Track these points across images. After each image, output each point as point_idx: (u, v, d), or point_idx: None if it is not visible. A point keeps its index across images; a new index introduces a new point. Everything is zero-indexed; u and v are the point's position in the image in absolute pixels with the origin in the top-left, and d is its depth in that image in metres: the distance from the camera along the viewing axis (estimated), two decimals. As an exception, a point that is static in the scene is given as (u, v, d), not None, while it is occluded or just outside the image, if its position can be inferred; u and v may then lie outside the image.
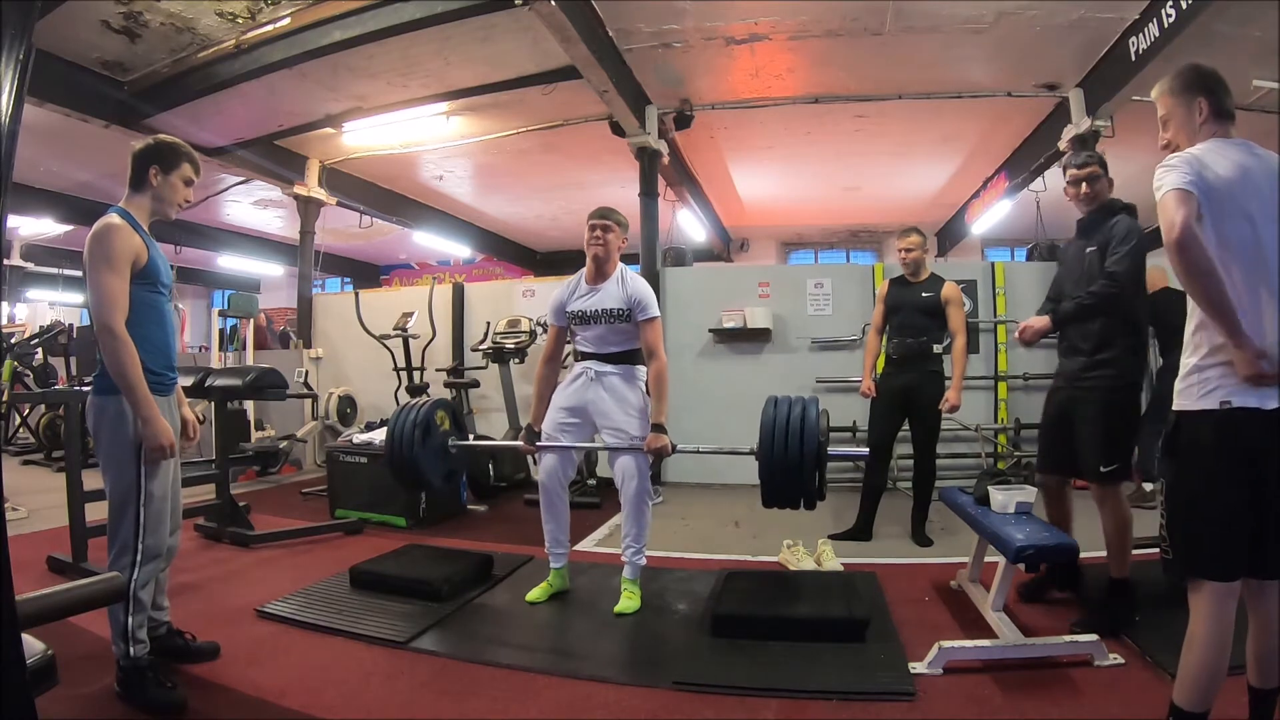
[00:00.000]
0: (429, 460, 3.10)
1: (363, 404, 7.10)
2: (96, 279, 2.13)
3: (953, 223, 10.62)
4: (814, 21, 5.10)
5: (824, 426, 2.63)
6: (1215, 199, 1.62)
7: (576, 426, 3.05)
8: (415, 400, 3.26)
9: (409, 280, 14.56)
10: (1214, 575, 1.64)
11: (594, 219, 3.08)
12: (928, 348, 3.93)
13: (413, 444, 3.02)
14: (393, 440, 3.07)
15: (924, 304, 3.94)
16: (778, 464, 2.57)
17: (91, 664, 2.34)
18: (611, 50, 5.28)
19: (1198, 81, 1.77)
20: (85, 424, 2.33)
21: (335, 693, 2.27)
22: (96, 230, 2.16)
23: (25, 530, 4.21)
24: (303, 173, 7.81)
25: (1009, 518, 2.68)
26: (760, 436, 2.63)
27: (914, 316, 3.95)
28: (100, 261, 2.13)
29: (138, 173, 2.29)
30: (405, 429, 3.05)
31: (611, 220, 3.08)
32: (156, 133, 2.60)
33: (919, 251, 4.01)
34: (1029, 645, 2.38)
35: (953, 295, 3.94)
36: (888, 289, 4.14)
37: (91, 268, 2.14)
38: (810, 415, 2.59)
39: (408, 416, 3.09)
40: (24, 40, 1.01)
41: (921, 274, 4.05)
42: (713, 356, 6.12)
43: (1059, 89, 6.00)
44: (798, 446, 2.53)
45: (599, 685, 2.32)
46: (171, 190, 2.33)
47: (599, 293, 3.03)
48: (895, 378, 3.98)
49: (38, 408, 7.77)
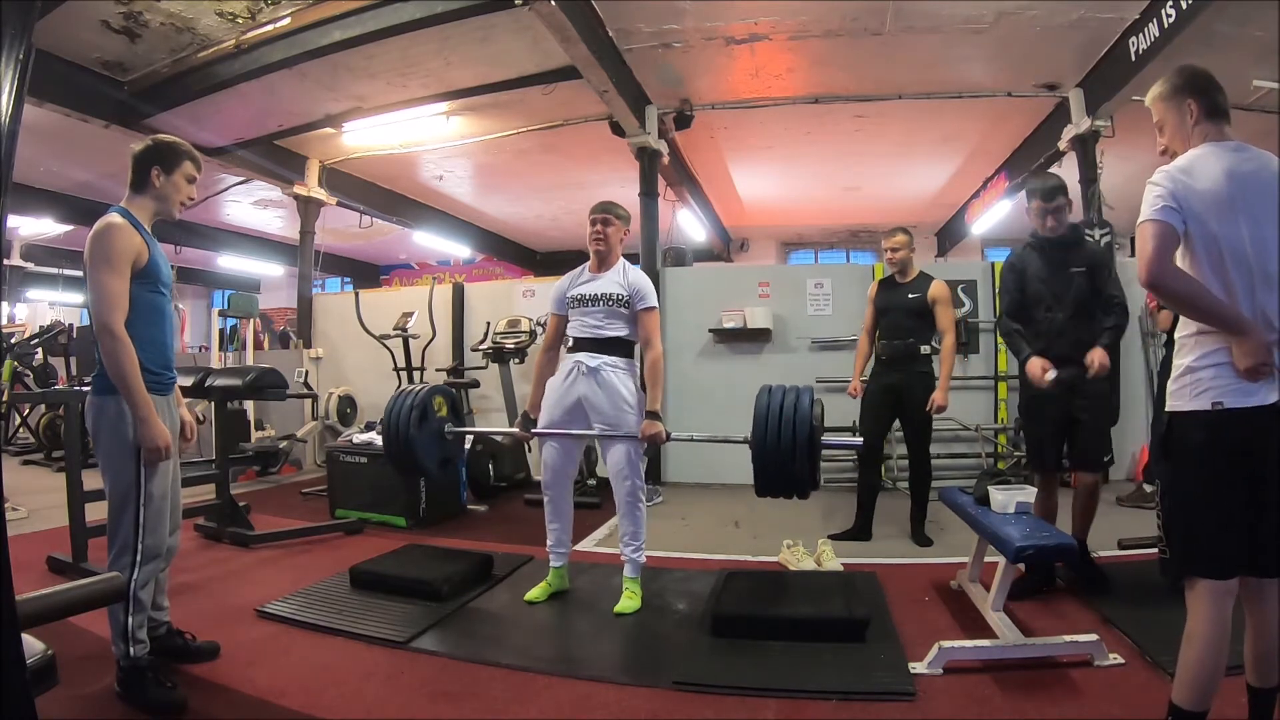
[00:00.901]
0: (425, 445, 3.09)
1: (363, 404, 7.10)
2: (96, 279, 2.12)
3: (953, 223, 10.62)
4: (814, 21, 5.09)
5: (818, 415, 2.61)
6: (1203, 208, 1.63)
7: (570, 424, 3.05)
8: (413, 385, 3.25)
9: (409, 280, 14.56)
10: (1210, 574, 1.64)
11: (595, 213, 3.14)
12: (915, 349, 3.93)
13: (408, 427, 3.02)
14: (389, 424, 3.06)
15: (911, 304, 3.93)
16: (770, 453, 2.55)
17: (92, 664, 2.34)
18: (611, 50, 5.28)
19: (1186, 84, 1.77)
20: (85, 424, 2.32)
21: (335, 693, 2.27)
22: (97, 230, 2.16)
23: (25, 530, 4.21)
24: (302, 173, 7.81)
25: (1009, 517, 2.68)
26: (754, 424, 2.62)
27: (902, 317, 3.95)
28: (100, 261, 2.12)
29: (139, 173, 2.29)
30: (402, 413, 3.04)
31: (612, 214, 3.13)
32: (156, 132, 2.60)
33: (905, 251, 4.00)
34: (1029, 645, 2.38)
35: (941, 294, 3.91)
36: (876, 290, 4.15)
37: (92, 267, 2.13)
38: (804, 403, 2.58)
39: (405, 401, 3.08)
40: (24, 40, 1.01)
41: (909, 274, 4.04)
42: (713, 356, 6.12)
43: (1059, 89, 6.00)
44: (790, 435, 2.52)
45: (599, 685, 2.32)
46: (174, 189, 2.32)
47: (600, 279, 3.09)
48: (883, 378, 3.98)
49: (38, 408, 7.77)
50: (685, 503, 5.28)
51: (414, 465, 3.14)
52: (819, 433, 2.60)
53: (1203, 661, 1.62)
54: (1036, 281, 3.08)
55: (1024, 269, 3.12)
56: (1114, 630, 2.56)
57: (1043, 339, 3.02)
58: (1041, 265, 3.09)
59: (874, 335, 4.12)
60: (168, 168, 2.30)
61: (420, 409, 3.08)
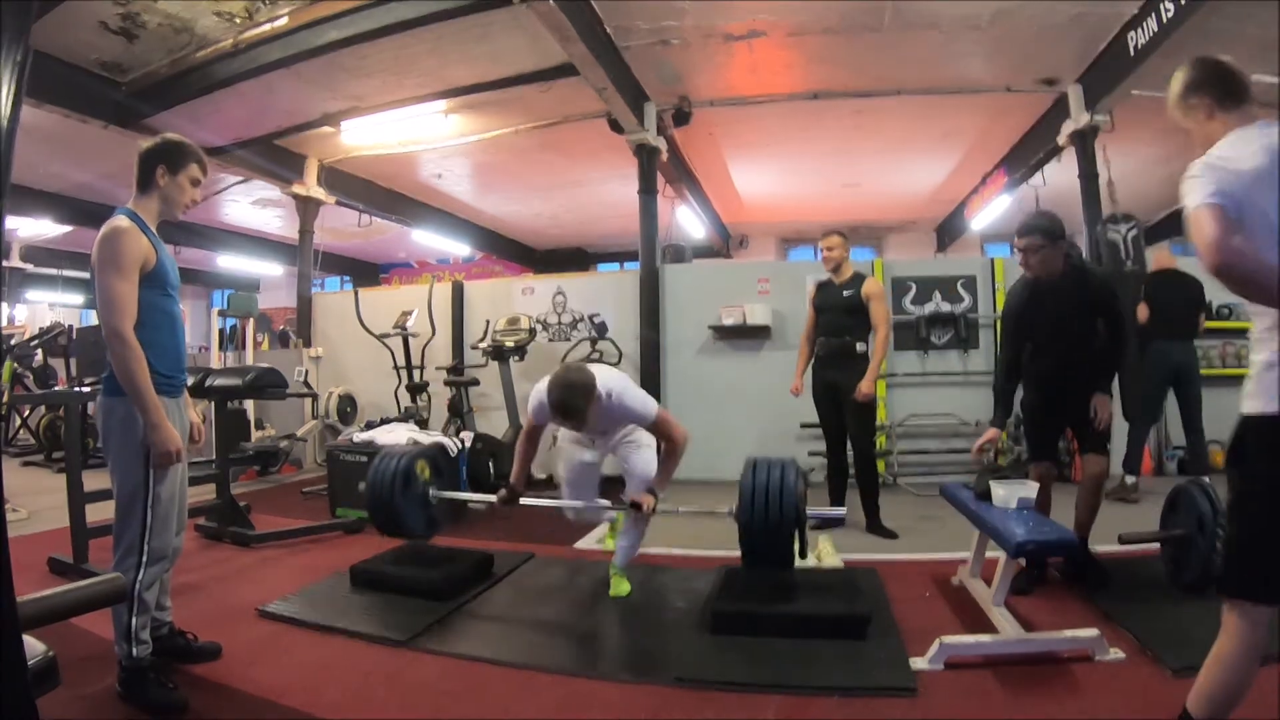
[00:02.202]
0: (410, 511, 3.18)
1: (363, 403, 7.10)
2: (105, 284, 2.09)
3: (952, 218, 10.62)
4: (813, 18, 5.09)
5: (801, 490, 2.70)
6: (1248, 189, 1.51)
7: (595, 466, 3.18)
8: (394, 449, 3.32)
9: (408, 279, 14.54)
10: (1266, 599, 1.50)
11: (557, 413, 2.72)
12: (850, 346, 4.08)
13: (392, 494, 3.11)
14: (371, 489, 3.16)
15: (845, 303, 4.10)
16: (757, 528, 2.64)
17: (93, 665, 2.34)
18: (609, 47, 5.27)
19: (1194, 80, 1.72)
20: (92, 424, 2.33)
21: (335, 692, 2.27)
22: (105, 233, 2.13)
23: (26, 531, 4.20)
24: (301, 172, 7.80)
25: (1009, 513, 2.68)
26: (739, 500, 2.70)
27: (837, 316, 4.13)
28: (109, 266, 2.10)
29: (144, 173, 2.26)
30: (385, 479, 3.13)
31: (580, 404, 2.67)
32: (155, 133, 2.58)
33: (839, 251, 4.18)
34: (1030, 640, 2.38)
35: (873, 291, 4.08)
36: (815, 291, 4.32)
37: (100, 272, 2.10)
38: (788, 479, 2.67)
39: (387, 466, 3.17)
40: (22, 41, 1.01)
41: (844, 274, 4.19)
42: (712, 353, 6.12)
43: (1058, 84, 5.99)
44: (777, 510, 2.61)
45: (600, 683, 2.32)
46: (179, 191, 2.29)
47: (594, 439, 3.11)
48: (821, 374, 4.20)
49: (38, 409, 7.77)
50: (685, 500, 5.27)
51: (399, 530, 3.22)
52: (804, 503, 2.70)
53: (1229, 684, 1.54)
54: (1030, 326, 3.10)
55: (1020, 312, 3.12)
56: (1115, 625, 2.56)
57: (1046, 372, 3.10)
58: (1034, 307, 3.07)
59: (814, 337, 4.28)
60: (173, 168, 2.27)
61: (403, 475, 3.16)
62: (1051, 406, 3.14)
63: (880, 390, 5.76)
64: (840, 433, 4.23)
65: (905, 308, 5.94)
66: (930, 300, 5.92)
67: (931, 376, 5.89)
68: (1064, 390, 3.08)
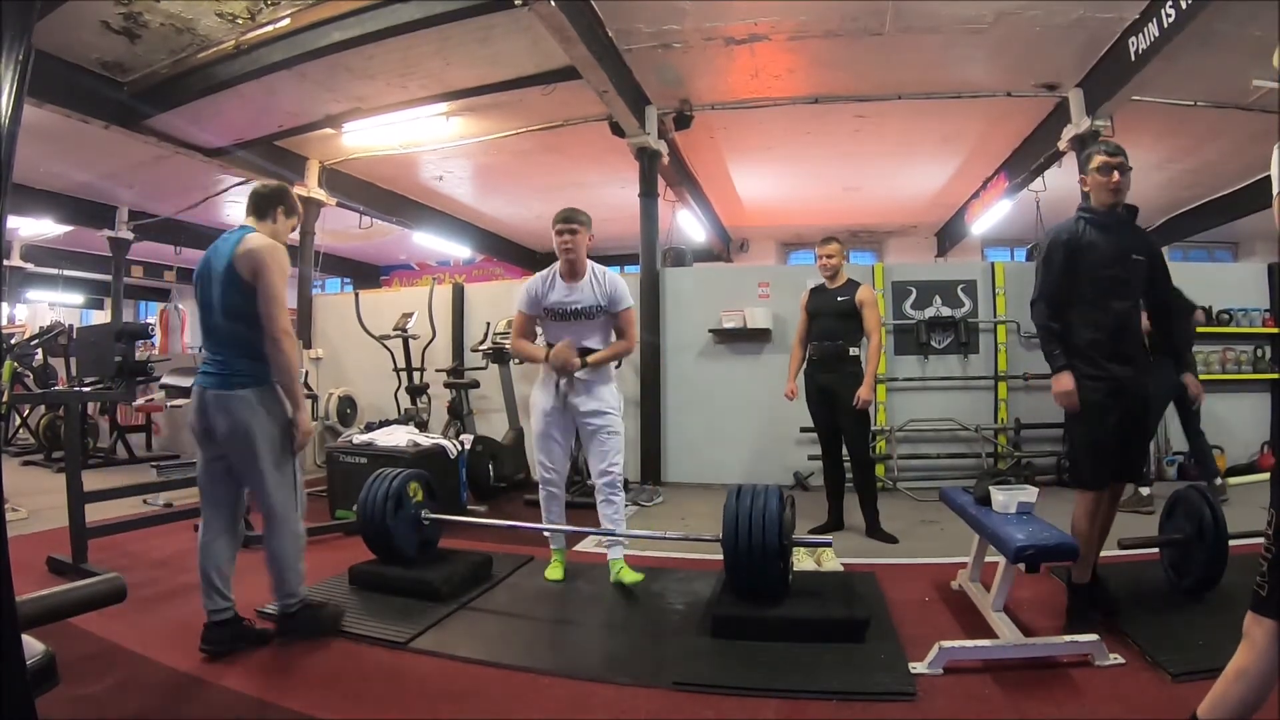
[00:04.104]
0: (402, 532, 3.21)
1: (363, 404, 7.10)
2: (277, 288, 2.48)
3: (952, 223, 10.63)
4: (814, 22, 5.10)
5: (787, 518, 2.72)
6: None
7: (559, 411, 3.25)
8: (386, 470, 3.35)
9: (409, 281, 14.56)
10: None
11: (559, 224, 3.21)
12: (844, 350, 4.13)
13: (384, 516, 3.15)
14: (363, 510, 3.19)
15: (839, 308, 4.15)
16: (742, 556, 2.67)
17: (92, 664, 2.34)
18: (611, 51, 5.28)
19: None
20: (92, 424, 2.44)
21: (335, 692, 2.27)
22: (271, 244, 2.53)
23: (25, 531, 4.20)
24: (302, 173, 7.81)
25: (1009, 518, 2.68)
26: (724, 528, 2.73)
27: (831, 321, 4.17)
28: (279, 273, 2.49)
29: (264, 206, 2.67)
30: (376, 500, 3.17)
31: (577, 223, 3.21)
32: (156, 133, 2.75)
33: (838, 259, 4.23)
34: (1029, 645, 2.38)
35: (867, 297, 4.15)
36: (808, 297, 4.34)
37: (268, 275, 2.46)
38: (772, 508, 2.69)
39: (379, 488, 3.20)
40: (23, 41, 1.01)
41: (838, 280, 4.24)
42: (713, 357, 6.12)
43: (1059, 89, 6.00)
44: (760, 540, 2.64)
45: (599, 685, 2.32)
46: (285, 230, 2.73)
47: (576, 291, 3.21)
48: (815, 378, 4.22)
49: (38, 408, 7.77)
50: (684, 502, 5.28)
51: (391, 553, 3.24)
52: (790, 530, 2.73)
53: (1246, 700, 1.51)
54: (1100, 265, 2.65)
55: (1078, 246, 2.67)
56: (1114, 630, 2.56)
57: (1105, 332, 2.65)
58: (1105, 244, 2.65)
59: (806, 342, 4.31)
60: (289, 211, 2.73)
61: (395, 498, 3.19)
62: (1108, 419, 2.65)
63: (880, 394, 5.77)
64: (835, 436, 4.26)
65: (905, 312, 5.93)
66: (930, 305, 5.92)
67: (931, 381, 5.89)
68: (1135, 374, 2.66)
